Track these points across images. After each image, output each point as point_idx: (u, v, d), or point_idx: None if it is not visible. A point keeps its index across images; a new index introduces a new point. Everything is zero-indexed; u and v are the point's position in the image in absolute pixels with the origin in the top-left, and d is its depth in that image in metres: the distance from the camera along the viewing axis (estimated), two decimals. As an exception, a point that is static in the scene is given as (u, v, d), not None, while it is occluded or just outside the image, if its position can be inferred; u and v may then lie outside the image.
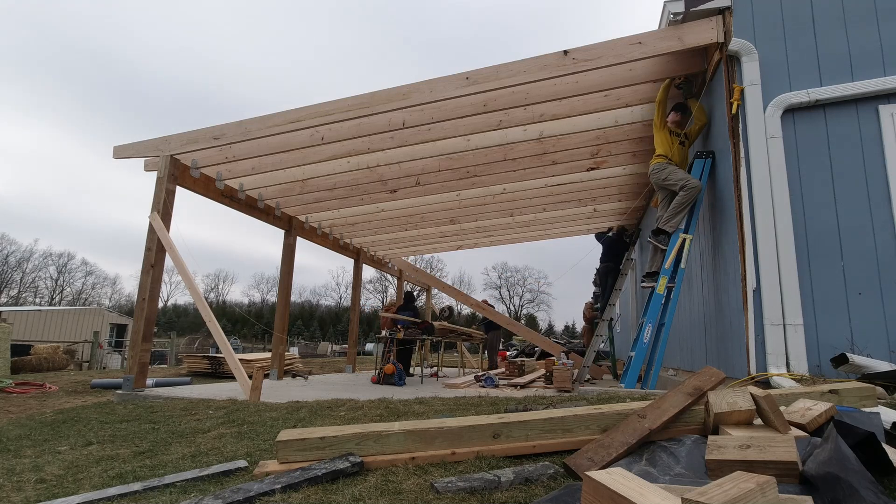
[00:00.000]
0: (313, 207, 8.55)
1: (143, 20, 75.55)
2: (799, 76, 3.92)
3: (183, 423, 3.90)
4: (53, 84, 74.58)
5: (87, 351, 16.90)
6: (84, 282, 55.11)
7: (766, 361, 3.54)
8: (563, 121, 5.87)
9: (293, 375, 9.26)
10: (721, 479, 1.33)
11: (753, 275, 3.72)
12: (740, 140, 3.95)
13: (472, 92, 5.02)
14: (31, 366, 12.42)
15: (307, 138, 6.05)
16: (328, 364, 14.40)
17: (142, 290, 5.94)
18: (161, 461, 2.90)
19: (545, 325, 56.01)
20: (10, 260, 49.22)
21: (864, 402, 2.40)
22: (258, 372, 5.19)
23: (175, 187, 6.39)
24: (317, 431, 2.45)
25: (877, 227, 3.62)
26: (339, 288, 61.70)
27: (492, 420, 2.43)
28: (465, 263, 75.77)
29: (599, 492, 1.42)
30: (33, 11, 67.95)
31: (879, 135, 3.73)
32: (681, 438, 2.16)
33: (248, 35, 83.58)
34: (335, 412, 3.87)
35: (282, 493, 2.02)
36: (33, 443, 3.75)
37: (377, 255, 12.04)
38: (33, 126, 75.07)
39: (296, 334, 47.66)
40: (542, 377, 7.38)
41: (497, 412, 3.18)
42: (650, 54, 4.51)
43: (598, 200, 8.75)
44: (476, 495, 1.87)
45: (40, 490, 2.57)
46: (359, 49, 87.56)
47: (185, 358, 11.91)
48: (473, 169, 7.01)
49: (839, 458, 1.52)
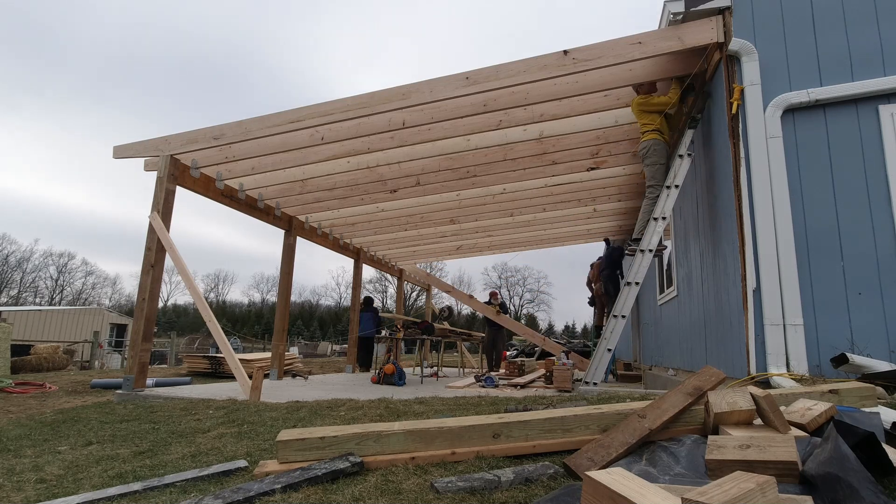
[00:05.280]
0: (313, 207, 8.55)
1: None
2: (799, 76, 3.92)
3: (183, 423, 3.90)
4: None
5: (87, 351, 16.90)
6: (84, 282, 55.18)
7: (766, 361, 3.54)
8: (563, 121, 5.87)
9: (293, 375, 9.26)
10: (721, 479, 1.33)
11: (753, 275, 3.72)
12: (740, 140, 3.94)
13: (472, 92, 5.02)
14: (31, 366, 12.42)
15: (307, 138, 6.05)
16: (328, 364, 14.41)
17: (142, 290, 5.94)
18: (161, 461, 2.90)
19: (545, 325, 56.07)
20: (10, 260, 49.27)
21: (864, 402, 2.40)
22: (258, 372, 5.19)
23: (175, 187, 6.39)
24: (317, 431, 2.45)
25: (877, 227, 3.62)
26: (339, 288, 61.80)
27: (492, 420, 2.43)
28: (465, 263, 75.83)
29: (599, 492, 1.42)
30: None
31: (879, 135, 3.73)
32: (681, 438, 2.16)
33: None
34: (335, 412, 3.87)
35: (282, 493, 2.02)
36: (33, 443, 3.75)
37: (377, 255, 12.04)
38: (34, 126, 75.17)
39: (296, 334, 47.64)
40: (542, 377, 7.38)
41: (497, 412, 3.18)
42: (650, 54, 4.51)
43: (598, 200, 8.75)
44: (476, 495, 1.87)
45: (40, 490, 2.57)
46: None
47: (185, 358, 11.91)
48: (473, 169, 7.01)
49: (839, 457, 1.52)
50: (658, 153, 5.02)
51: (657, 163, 5.01)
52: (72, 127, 78.72)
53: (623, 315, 4.83)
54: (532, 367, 10.34)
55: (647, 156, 5.07)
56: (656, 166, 5.01)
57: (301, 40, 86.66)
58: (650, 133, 5.07)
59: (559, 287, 73.24)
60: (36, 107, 74.88)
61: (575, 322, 60.81)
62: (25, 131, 75.33)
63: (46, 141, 76.49)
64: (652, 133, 5.06)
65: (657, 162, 5.01)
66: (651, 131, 5.08)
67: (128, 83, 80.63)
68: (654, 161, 5.03)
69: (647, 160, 5.08)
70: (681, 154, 4.86)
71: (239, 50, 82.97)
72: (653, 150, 5.03)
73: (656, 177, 4.99)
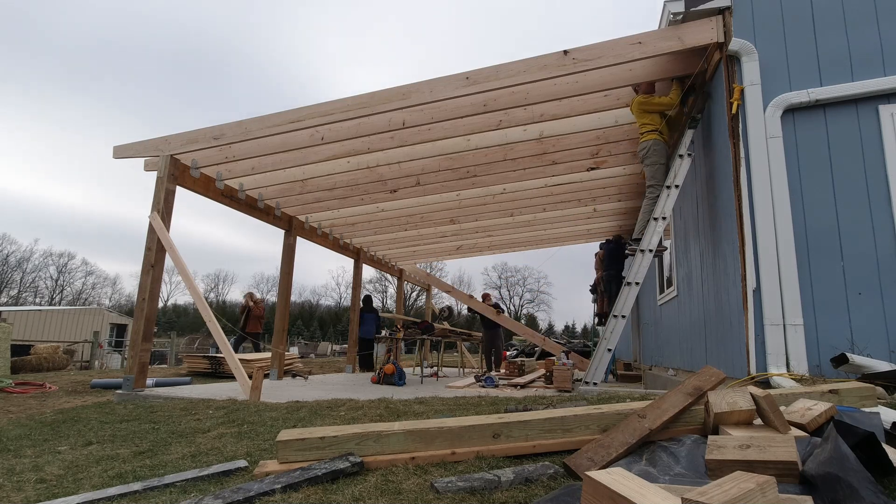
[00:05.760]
0: (313, 207, 8.55)
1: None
2: (799, 76, 3.92)
3: (183, 423, 3.90)
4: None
5: (87, 351, 16.90)
6: (84, 282, 55.13)
7: (766, 361, 3.54)
8: (563, 121, 5.87)
9: (293, 375, 9.26)
10: (721, 479, 1.33)
11: (753, 275, 3.72)
12: (740, 140, 3.95)
13: (472, 92, 5.02)
14: (31, 366, 12.41)
15: (307, 138, 6.05)
16: (328, 364, 14.40)
17: (142, 289, 5.94)
18: (161, 461, 2.90)
19: (545, 325, 56.07)
20: (10, 260, 49.26)
21: (864, 402, 2.40)
22: (258, 372, 5.19)
23: (175, 187, 6.39)
24: (317, 431, 2.45)
25: (877, 227, 3.62)
26: (339, 288, 61.78)
27: (492, 420, 2.43)
28: (464, 263, 75.89)
29: (599, 492, 1.42)
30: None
31: (879, 135, 3.74)
32: (681, 438, 2.16)
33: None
34: (335, 412, 3.87)
35: (282, 493, 2.02)
36: (33, 443, 3.75)
37: (377, 255, 12.04)
38: (33, 128, 75.15)
39: (296, 334, 47.65)
40: (542, 377, 7.38)
41: (497, 412, 3.18)
42: (650, 54, 4.51)
43: (598, 200, 8.75)
44: (476, 495, 1.87)
45: (40, 490, 2.57)
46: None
47: (185, 358, 11.90)
48: (473, 169, 7.01)
49: (839, 457, 1.52)
50: (658, 153, 5.03)
51: (657, 163, 5.02)
52: (69, 123, 78.42)
53: (623, 315, 4.83)
54: (532, 367, 10.33)
55: (647, 156, 5.08)
56: (656, 166, 5.02)
57: (286, 32, 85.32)
58: (650, 133, 5.08)
59: (559, 287, 73.30)
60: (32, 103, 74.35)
61: (575, 322, 60.80)
62: (24, 131, 75.30)
63: (46, 140, 76.44)
64: (652, 133, 5.07)
65: (657, 162, 5.02)
66: (651, 131, 5.09)
67: (102, 76, 78.72)
68: (653, 161, 5.04)
69: (647, 160, 5.09)
70: (681, 154, 4.87)
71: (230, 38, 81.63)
72: (652, 151, 5.04)
73: (656, 177, 5.00)
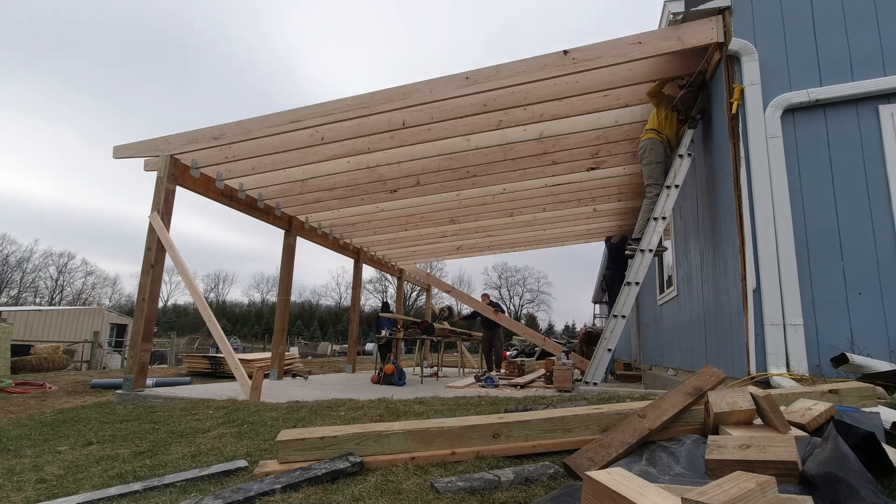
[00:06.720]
0: (313, 207, 8.55)
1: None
2: (799, 76, 3.92)
3: (183, 423, 3.90)
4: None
5: (87, 351, 16.90)
6: (84, 282, 55.18)
7: (766, 361, 3.54)
8: (563, 121, 5.87)
9: (293, 375, 9.26)
10: (721, 479, 1.33)
11: (753, 275, 3.72)
12: (740, 140, 3.94)
13: (472, 92, 5.02)
14: (31, 366, 12.43)
15: (307, 138, 6.05)
16: (328, 364, 14.41)
17: (142, 290, 5.94)
18: (161, 461, 2.89)
19: (545, 325, 56.06)
20: (10, 260, 49.26)
21: (864, 402, 2.40)
22: (258, 372, 5.19)
23: (175, 187, 6.39)
24: (317, 431, 2.45)
25: (877, 227, 3.62)
26: (339, 288, 61.88)
27: (492, 420, 2.43)
28: (464, 263, 75.81)
29: (599, 491, 1.42)
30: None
31: (879, 135, 3.73)
32: (681, 438, 2.16)
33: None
34: (335, 412, 3.87)
35: (282, 493, 2.02)
36: (33, 443, 3.75)
37: (377, 255, 12.03)
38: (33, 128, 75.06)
39: (296, 334, 47.65)
40: (542, 377, 7.38)
41: (497, 412, 3.18)
42: (650, 54, 4.51)
43: (598, 200, 8.75)
44: (476, 495, 1.87)
45: (40, 490, 2.57)
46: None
47: (185, 358, 11.92)
48: (473, 169, 7.01)
49: (839, 457, 1.52)
50: (654, 152, 5.03)
51: (654, 161, 5.02)
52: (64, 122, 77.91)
53: (623, 315, 4.83)
54: (532, 367, 10.35)
55: (644, 155, 5.10)
56: (653, 165, 5.02)
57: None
58: (647, 132, 5.11)
59: (559, 287, 73.32)
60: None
61: (575, 322, 60.74)
62: (25, 132, 75.20)
63: (47, 140, 76.33)
64: (649, 132, 5.09)
65: (654, 161, 5.03)
66: (648, 130, 5.11)
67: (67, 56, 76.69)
68: (650, 160, 5.04)
69: (645, 159, 5.10)
70: (681, 154, 4.87)
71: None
72: (649, 150, 5.05)
73: (654, 176, 5.01)
